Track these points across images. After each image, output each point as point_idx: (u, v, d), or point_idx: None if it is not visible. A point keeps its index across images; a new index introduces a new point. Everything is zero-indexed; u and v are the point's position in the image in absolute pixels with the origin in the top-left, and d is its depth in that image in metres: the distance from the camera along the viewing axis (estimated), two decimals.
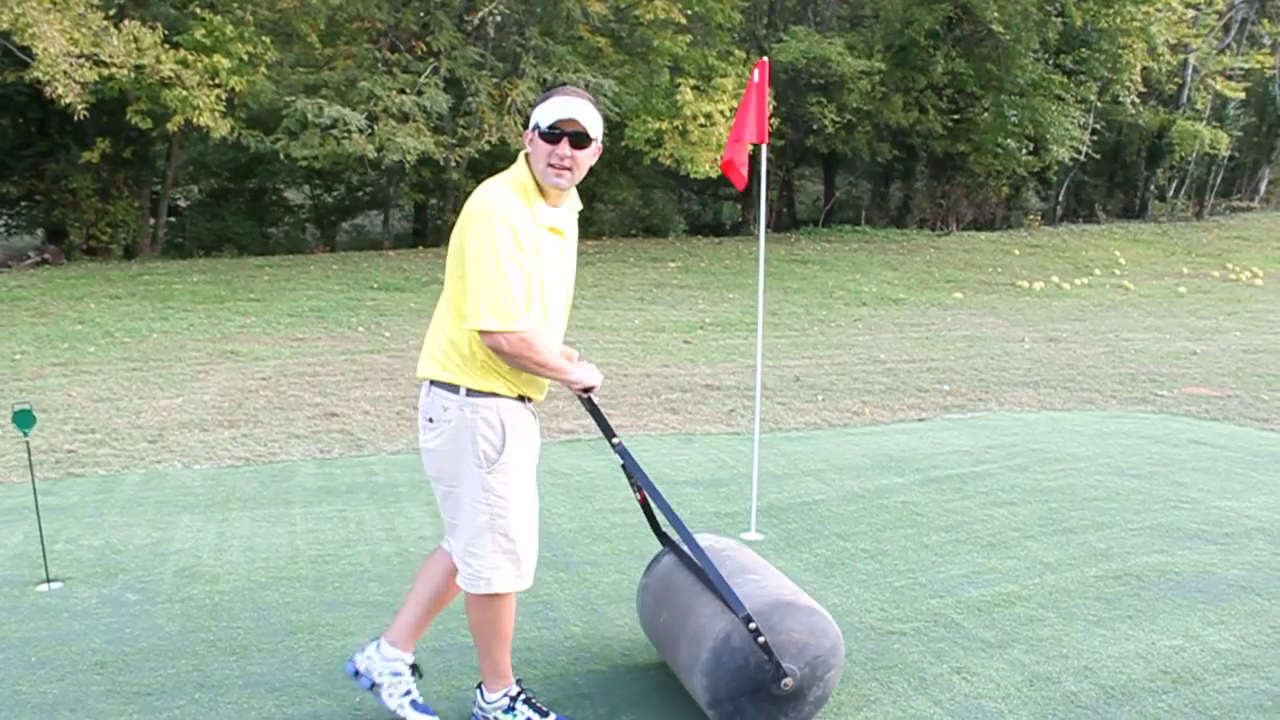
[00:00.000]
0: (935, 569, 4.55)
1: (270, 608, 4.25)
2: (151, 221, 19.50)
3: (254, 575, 4.61)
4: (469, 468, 3.00)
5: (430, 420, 3.07)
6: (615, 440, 3.24)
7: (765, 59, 4.68)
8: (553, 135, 2.93)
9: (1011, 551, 4.73)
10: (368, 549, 4.93)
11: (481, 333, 2.89)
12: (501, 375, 3.00)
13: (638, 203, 23.91)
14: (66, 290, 14.09)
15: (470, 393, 2.98)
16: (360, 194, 24.20)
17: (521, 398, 3.07)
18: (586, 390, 3.16)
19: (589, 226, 23.26)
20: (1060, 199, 27.01)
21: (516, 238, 2.87)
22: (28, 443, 4.74)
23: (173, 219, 22.19)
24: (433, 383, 3.05)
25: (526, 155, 3.03)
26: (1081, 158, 23.13)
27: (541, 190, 3.00)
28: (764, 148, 4.72)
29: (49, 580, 4.57)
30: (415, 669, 3.34)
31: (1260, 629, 3.84)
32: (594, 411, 3.24)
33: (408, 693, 3.29)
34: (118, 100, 15.89)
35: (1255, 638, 3.77)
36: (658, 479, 6.02)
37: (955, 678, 3.53)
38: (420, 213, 24.30)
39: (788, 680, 3.04)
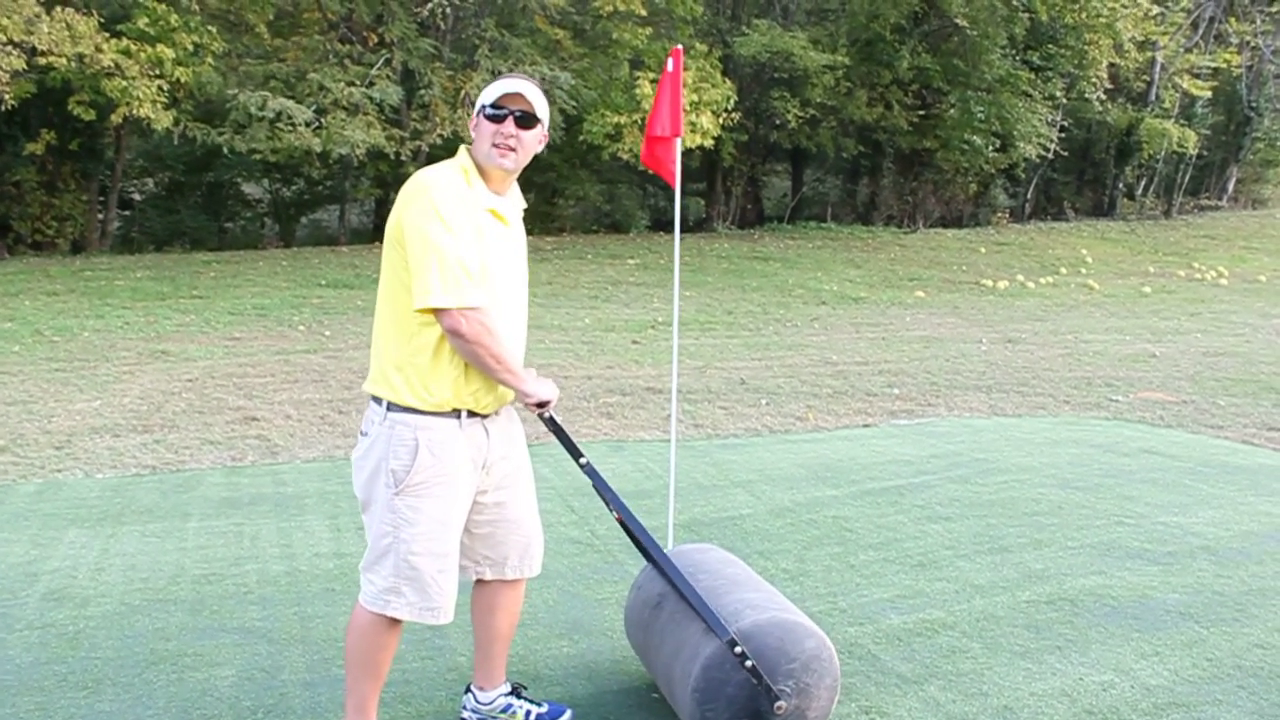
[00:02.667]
0: (858, 592, 4.26)
1: (137, 635, 3.91)
2: (100, 215, 19.01)
3: (128, 598, 4.27)
4: (380, 486, 2.81)
5: (363, 434, 2.88)
6: (583, 460, 3.03)
7: (679, 47, 4.37)
8: (498, 114, 2.77)
9: (942, 572, 4.45)
10: (257, 567, 4.60)
11: (437, 314, 2.67)
12: (429, 388, 2.76)
13: (600, 198, 23.58)
14: (2, 286, 13.63)
15: (391, 407, 2.79)
16: (320, 188, 23.75)
17: (457, 412, 2.80)
18: (540, 405, 2.91)
19: (549, 222, 22.92)
20: (1029, 196, 26.88)
21: (459, 209, 2.70)
22: None
23: (126, 213, 21.69)
24: (370, 395, 2.86)
25: (467, 147, 2.86)
26: (1050, 155, 22.98)
27: (484, 175, 2.83)
28: (679, 141, 4.42)
29: None
30: (516, 690, 3.28)
31: (1196, 662, 3.57)
32: (556, 431, 3.00)
33: (528, 714, 3.21)
34: (62, 90, 15.43)
35: (1189, 672, 3.49)
36: (580, 490, 5.71)
37: (863, 718, 3.24)
38: (380, 208, 23.90)
39: (781, 704, 2.82)
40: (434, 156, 19.69)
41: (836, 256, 19.02)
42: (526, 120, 2.80)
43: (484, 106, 2.81)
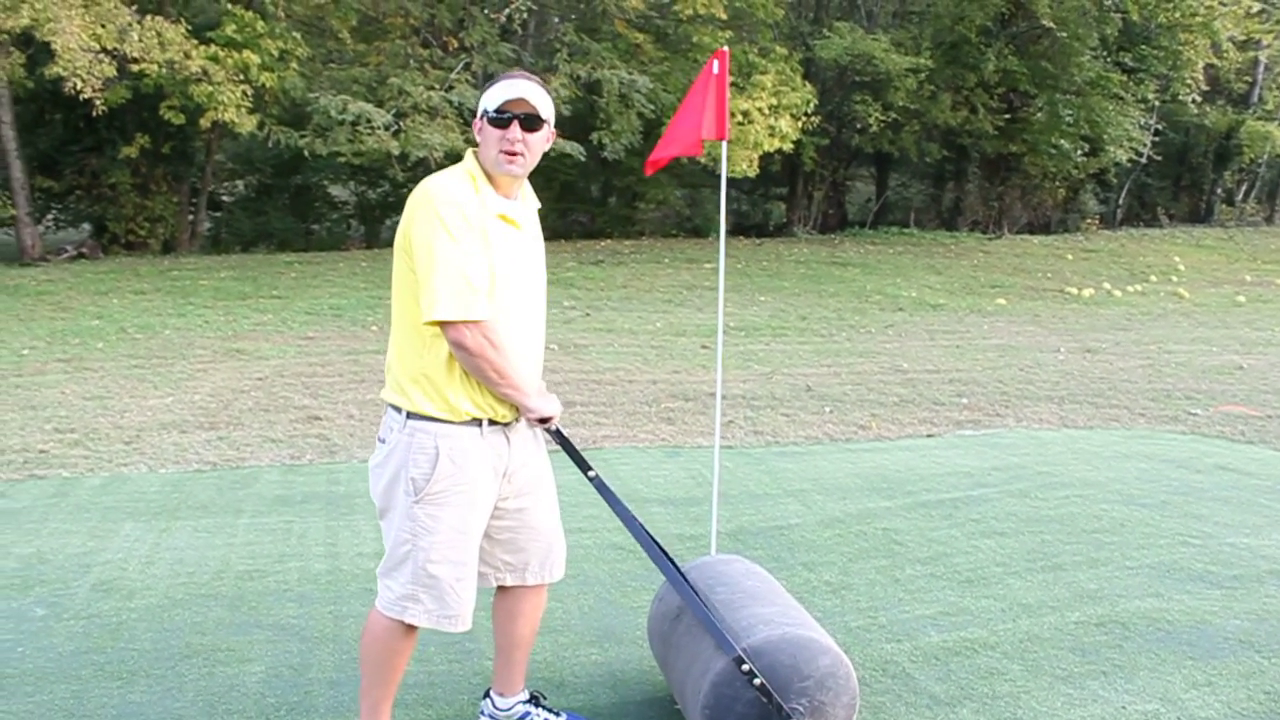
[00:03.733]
0: (900, 607, 4.13)
1: (175, 628, 3.98)
2: (191, 217, 19.58)
3: (172, 591, 4.35)
4: (399, 494, 2.79)
5: (381, 440, 2.87)
6: (592, 474, 2.99)
7: (725, 49, 4.29)
8: (502, 119, 2.71)
9: (989, 590, 4.30)
10: (300, 565, 4.64)
11: (442, 326, 2.65)
12: (448, 399, 2.74)
13: (681, 203, 23.54)
14: (94, 285, 14.11)
15: (411, 416, 2.76)
16: (405, 190, 24.05)
17: (478, 421, 2.78)
18: (542, 421, 2.89)
19: (630, 226, 22.95)
20: (1121, 202, 26.08)
21: (465, 218, 2.64)
22: None
23: (217, 214, 22.33)
24: (389, 404, 2.84)
25: (474, 151, 2.81)
26: (1142, 159, 22.26)
27: (492, 180, 2.77)
28: (724, 145, 4.34)
29: None
30: (535, 699, 3.25)
31: (1252, 694, 3.37)
32: (564, 443, 2.96)
33: None
34: (155, 95, 15.94)
35: (1243, 704, 3.30)
36: (627, 496, 5.66)
37: None
38: None
39: None
40: None
41: (917, 263, 18.67)
42: (531, 123, 2.73)
43: (486, 111, 2.75)
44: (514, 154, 2.72)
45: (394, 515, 2.82)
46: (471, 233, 2.66)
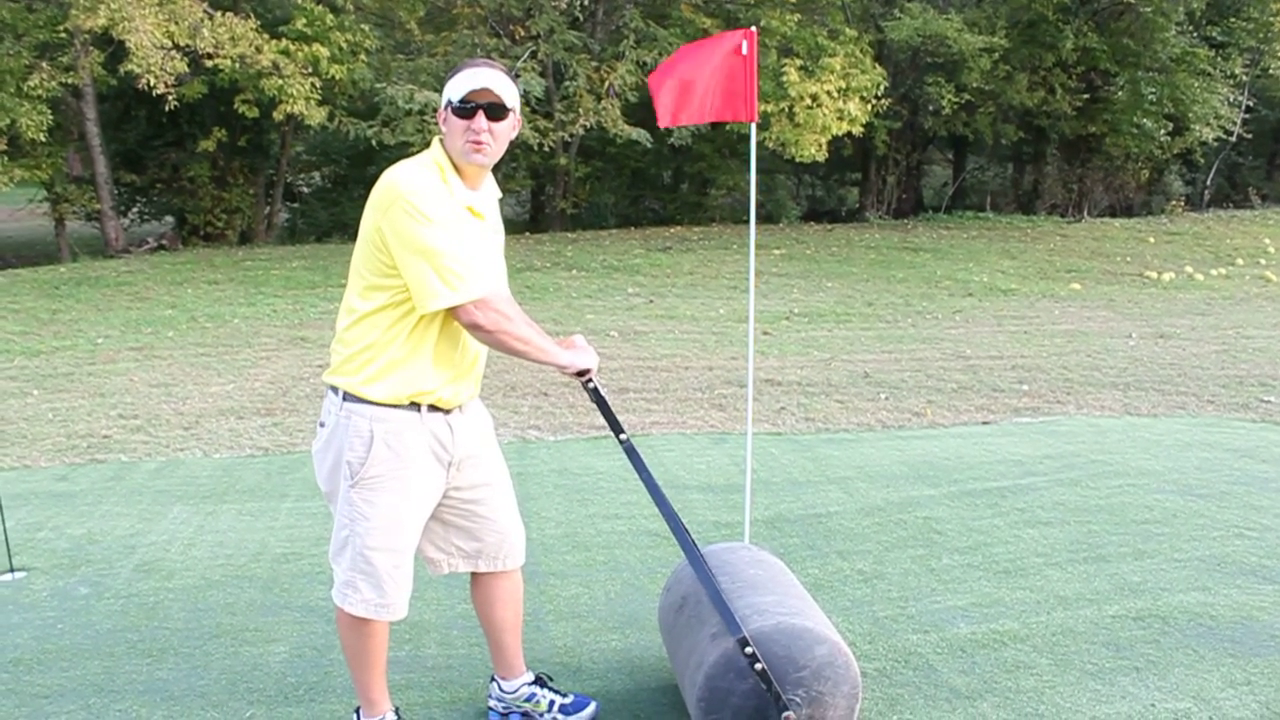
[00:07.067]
0: (931, 598, 4.03)
1: (208, 608, 4.06)
2: (267, 208, 19.99)
3: (210, 573, 4.45)
4: (339, 478, 2.80)
5: (321, 424, 2.87)
6: (623, 437, 2.96)
7: (754, 29, 4.19)
8: (466, 109, 2.69)
9: (1027, 581, 4.17)
10: None
11: (453, 312, 2.66)
12: (385, 382, 2.72)
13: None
14: (171, 275, 14.48)
15: (347, 397, 2.75)
16: None
17: (416, 405, 2.77)
18: (580, 374, 2.89)
19: (700, 212, 22.82)
20: (1209, 183, 25.13)
21: (439, 204, 2.65)
22: None
23: (295, 205, 22.76)
24: (329, 385, 2.84)
25: (441, 139, 2.78)
26: (1232, 138, 21.39)
27: (458, 170, 2.76)
28: (754, 127, 4.26)
29: (12, 570, 4.50)
30: (540, 680, 3.25)
31: None
32: (600, 403, 2.95)
33: (552, 704, 3.18)
34: (230, 90, 16.29)
35: None
36: (669, 482, 5.63)
37: None
38: (534, 198, 24.36)
39: (789, 715, 2.70)
40: (582, 147, 19.90)
41: (991, 247, 18.24)
42: (496, 112, 2.70)
43: (450, 102, 2.72)
44: (480, 144, 2.69)
45: (338, 500, 2.83)
46: (450, 217, 2.66)
